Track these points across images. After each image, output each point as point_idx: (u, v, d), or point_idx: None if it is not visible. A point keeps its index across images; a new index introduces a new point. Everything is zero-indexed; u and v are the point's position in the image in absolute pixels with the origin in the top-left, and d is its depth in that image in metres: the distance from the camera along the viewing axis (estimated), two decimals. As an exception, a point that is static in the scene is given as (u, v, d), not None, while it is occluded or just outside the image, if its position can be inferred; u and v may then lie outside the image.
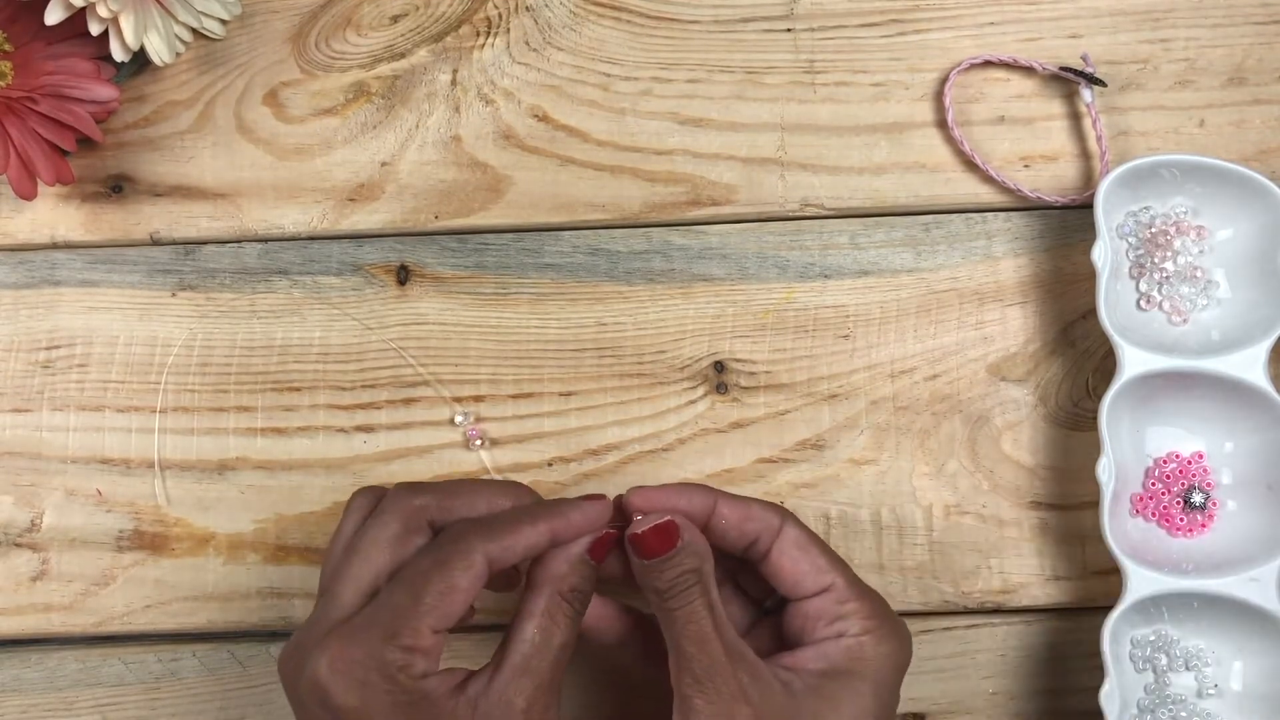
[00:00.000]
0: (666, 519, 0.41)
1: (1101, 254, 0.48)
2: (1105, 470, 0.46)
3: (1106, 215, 0.48)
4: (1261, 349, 0.47)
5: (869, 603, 0.42)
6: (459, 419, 0.52)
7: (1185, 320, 0.50)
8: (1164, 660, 0.48)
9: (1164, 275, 0.50)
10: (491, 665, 0.40)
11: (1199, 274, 0.50)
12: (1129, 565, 0.46)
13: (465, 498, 0.42)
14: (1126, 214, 0.50)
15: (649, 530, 0.41)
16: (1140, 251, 0.50)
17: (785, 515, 0.43)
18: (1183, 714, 0.47)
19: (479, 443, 0.52)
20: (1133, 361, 0.47)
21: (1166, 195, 0.50)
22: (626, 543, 0.42)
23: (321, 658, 0.37)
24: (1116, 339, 0.47)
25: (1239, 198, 0.49)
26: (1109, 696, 0.46)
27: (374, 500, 0.43)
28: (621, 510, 0.43)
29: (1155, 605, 0.47)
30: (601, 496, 0.43)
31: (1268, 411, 0.47)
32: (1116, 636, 0.46)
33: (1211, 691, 0.47)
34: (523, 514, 0.41)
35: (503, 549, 0.39)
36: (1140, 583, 0.46)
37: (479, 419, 0.52)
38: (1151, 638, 0.48)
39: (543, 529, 0.40)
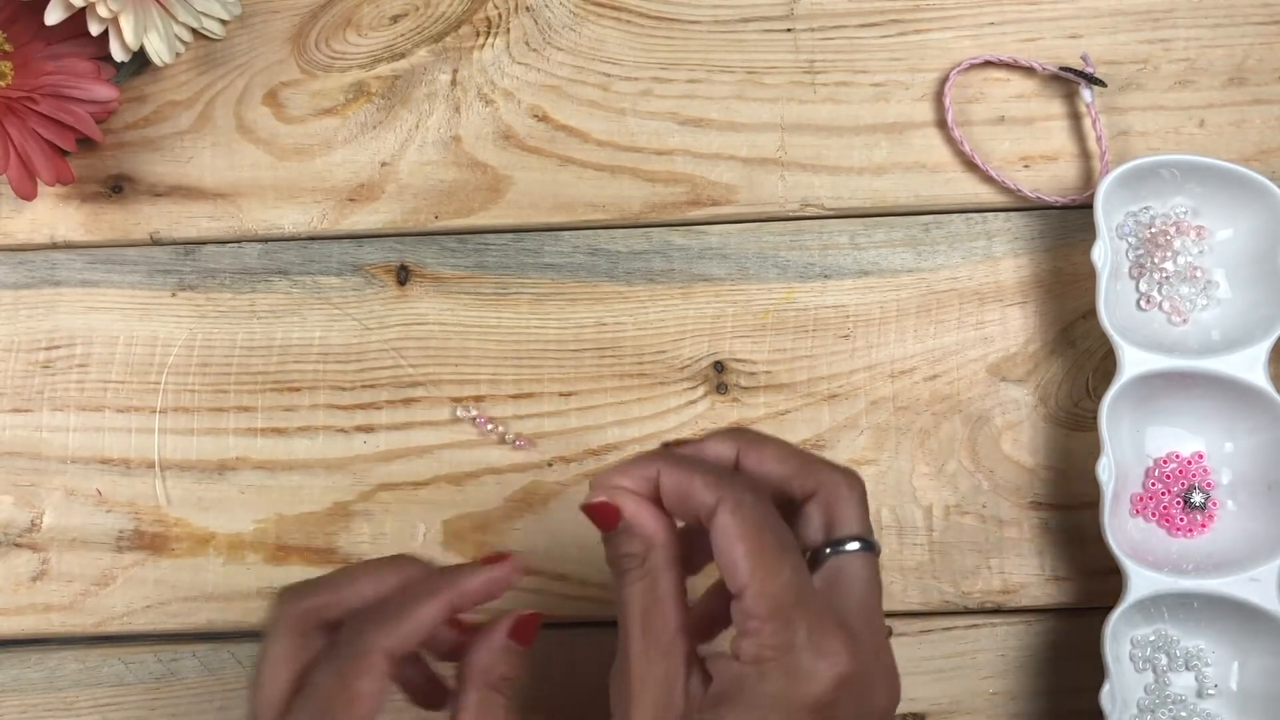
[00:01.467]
0: (602, 499, 0.38)
1: (1101, 254, 0.48)
2: (1105, 470, 0.46)
3: (1106, 215, 0.48)
4: (1261, 349, 0.47)
5: (775, 625, 0.35)
6: (460, 412, 0.52)
7: (1185, 320, 0.50)
8: (1164, 660, 0.48)
9: (1164, 275, 0.50)
10: None
11: (1199, 274, 0.50)
12: (1129, 565, 0.46)
13: (352, 587, 0.40)
14: (1126, 214, 0.50)
15: (588, 506, 0.39)
16: (1140, 251, 0.50)
17: (724, 499, 0.37)
18: (1183, 714, 0.47)
19: (489, 427, 0.52)
20: (1133, 361, 0.47)
21: (1166, 195, 0.50)
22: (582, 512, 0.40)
23: None
24: (1116, 339, 0.47)
25: (1239, 198, 0.49)
26: (1109, 696, 0.46)
27: (297, 608, 0.40)
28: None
29: (1155, 605, 0.47)
30: (503, 556, 0.40)
31: (1268, 411, 0.47)
32: (1116, 636, 0.46)
33: (1211, 691, 0.47)
34: (416, 593, 0.38)
35: (401, 640, 0.37)
36: (1140, 583, 0.46)
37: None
38: (1151, 638, 0.48)
39: (439, 604, 0.38)
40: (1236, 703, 0.47)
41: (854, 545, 0.38)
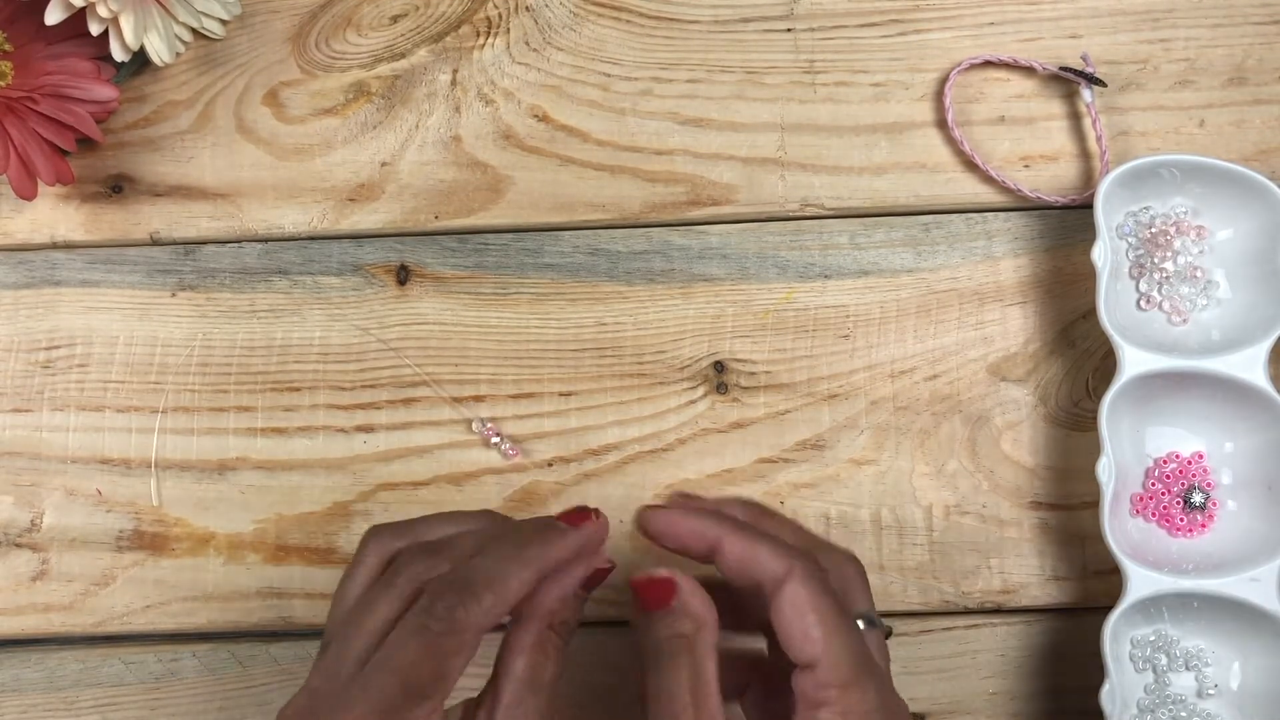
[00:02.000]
0: (665, 575, 0.39)
1: (1101, 254, 0.48)
2: (1105, 470, 0.46)
3: (1106, 215, 0.48)
4: (1261, 349, 0.47)
5: (855, 695, 0.36)
6: (476, 425, 0.52)
7: (1185, 320, 0.50)
8: (1164, 660, 0.48)
9: (1164, 275, 0.50)
10: (486, 705, 0.39)
11: (1199, 274, 0.50)
12: (1129, 565, 0.46)
13: (442, 536, 0.40)
14: (1126, 214, 0.50)
15: (644, 581, 0.39)
16: (1140, 251, 0.50)
17: (794, 568, 0.38)
18: (1183, 714, 0.47)
19: (496, 439, 0.52)
20: (1133, 361, 0.47)
21: (1166, 195, 0.50)
22: (629, 585, 0.40)
23: None
24: (1116, 339, 0.47)
25: (1239, 198, 0.49)
26: (1109, 696, 0.46)
27: (389, 545, 0.41)
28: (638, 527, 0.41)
29: (1155, 605, 0.47)
30: (588, 515, 0.40)
31: (1268, 411, 0.47)
32: (1116, 636, 0.46)
33: (1211, 691, 0.47)
34: (508, 567, 0.38)
35: (495, 618, 0.37)
36: (1140, 583, 0.46)
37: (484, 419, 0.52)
38: (1151, 638, 0.48)
39: (531, 575, 0.38)
40: (1236, 703, 0.47)
41: (862, 624, 0.40)
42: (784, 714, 0.38)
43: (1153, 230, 0.50)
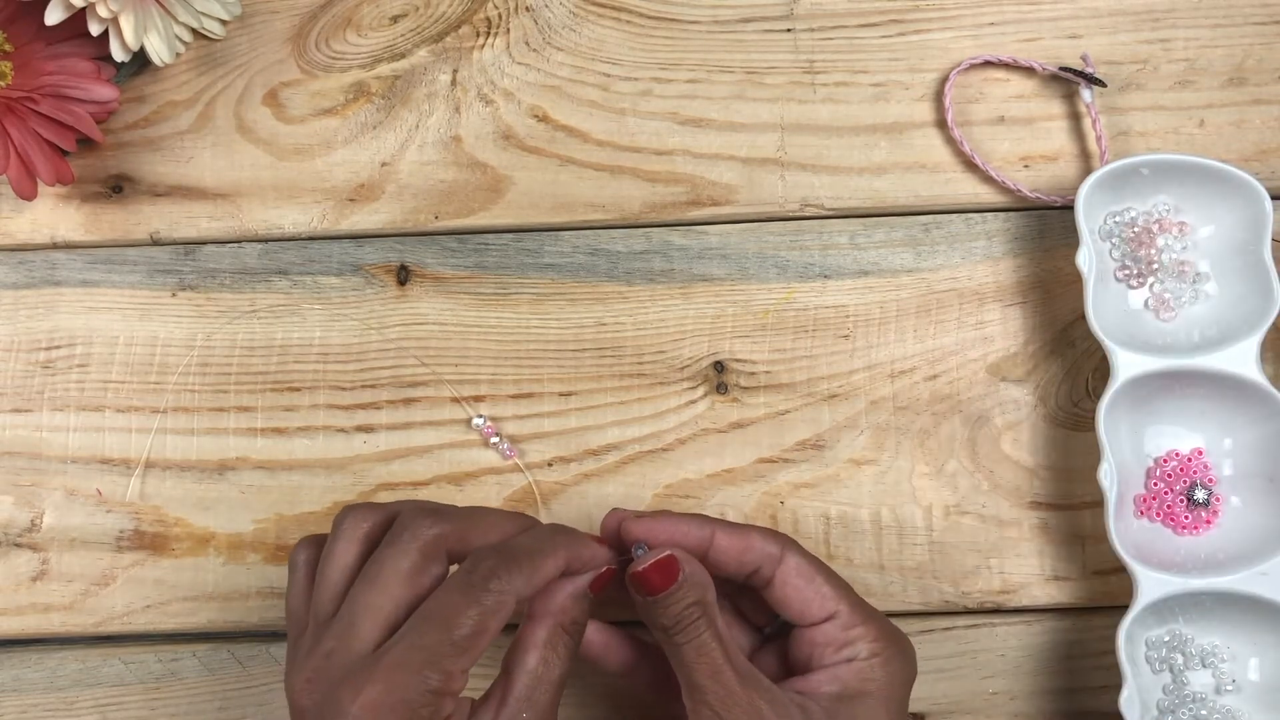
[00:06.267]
0: (667, 554, 0.41)
1: (1086, 259, 0.48)
2: (1107, 476, 0.46)
3: (1088, 219, 0.48)
4: (1252, 343, 0.47)
5: (874, 626, 0.42)
6: (476, 420, 0.52)
7: (1175, 317, 0.50)
8: (1180, 659, 0.48)
9: (1151, 273, 0.50)
10: (496, 698, 0.40)
11: (1185, 269, 0.50)
12: (1138, 569, 0.46)
13: (481, 527, 0.41)
14: (1107, 215, 0.50)
15: (650, 567, 0.41)
16: (1124, 251, 0.50)
17: (786, 544, 0.43)
18: (1203, 712, 0.47)
19: (495, 439, 0.52)
20: (1126, 365, 0.47)
21: (1146, 195, 0.50)
22: (628, 580, 0.41)
23: (352, 702, 0.37)
24: (1108, 343, 0.47)
25: (1217, 192, 0.48)
26: (1128, 702, 0.45)
27: (366, 522, 0.42)
28: (616, 539, 0.43)
29: (1167, 605, 0.47)
30: (604, 540, 0.44)
31: (1263, 404, 0.47)
32: (1131, 639, 0.46)
33: (1230, 688, 0.47)
34: (544, 546, 0.41)
35: (531, 589, 0.40)
36: (1150, 586, 0.46)
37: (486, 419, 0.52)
38: (1166, 638, 0.48)
39: (561, 561, 0.41)
40: (1255, 697, 0.47)
41: None
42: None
43: (1135, 230, 0.50)
